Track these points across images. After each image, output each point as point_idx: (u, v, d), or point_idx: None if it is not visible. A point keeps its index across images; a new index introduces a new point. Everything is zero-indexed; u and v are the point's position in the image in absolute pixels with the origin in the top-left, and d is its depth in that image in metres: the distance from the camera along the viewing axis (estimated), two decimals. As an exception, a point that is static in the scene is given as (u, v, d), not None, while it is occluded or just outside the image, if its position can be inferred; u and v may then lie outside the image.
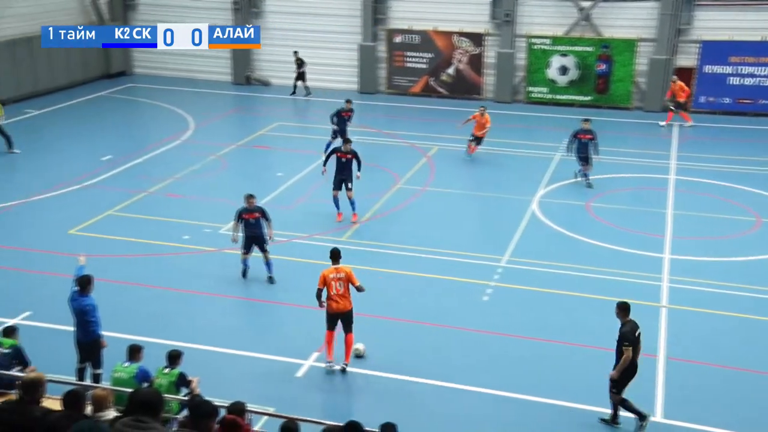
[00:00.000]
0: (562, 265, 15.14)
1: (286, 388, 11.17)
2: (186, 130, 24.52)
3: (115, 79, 31.04)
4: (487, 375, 11.48)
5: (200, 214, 17.54)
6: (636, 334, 10.04)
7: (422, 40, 28.76)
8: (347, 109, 21.24)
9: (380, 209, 18.03)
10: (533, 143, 23.38)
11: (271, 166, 21.79)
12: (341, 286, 11.37)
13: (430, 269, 14.93)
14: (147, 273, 14.66)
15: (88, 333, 10.37)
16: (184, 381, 9.50)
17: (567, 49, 27.61)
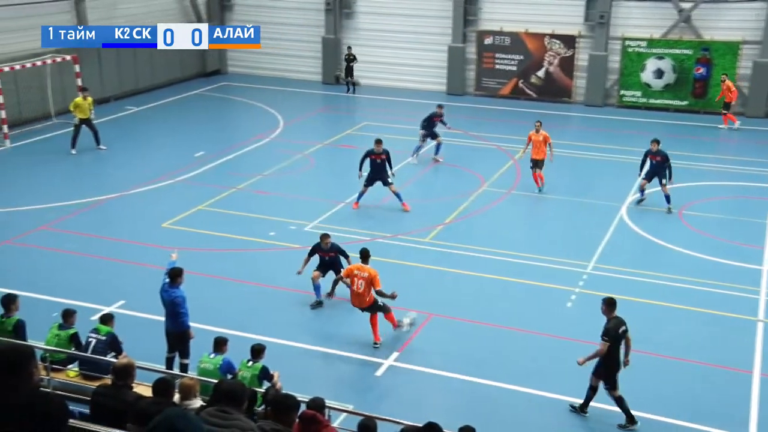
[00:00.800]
0: (651, 273, 14.65)
1: (365, 386, 11.25)
2: (275, 128, 25.04)
3: (210, 77, 32.02)
4: (566, 382, 11.23)
5: (286, 211, 17.86)
6: (620, 330, 10.11)
7: (513, 41, 28.41)
8: (438, 114, 21.38)
9: (464, 211, 17.92)
10: (624, 148, 22.71)
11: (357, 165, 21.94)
12: (362, 285, 11.98)
13: (513, 273, 14.74)
14: (234, 267, 15.04)
15: (177, 324, 10.72)
16: (267, 375, 9.70)
17: (664, 51, 26.72)
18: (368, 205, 18.25)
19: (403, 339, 12.38)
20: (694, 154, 22.14)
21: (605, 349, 10.00)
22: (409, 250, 15.85)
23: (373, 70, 30.76)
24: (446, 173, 21.24)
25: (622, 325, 10.17)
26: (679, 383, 11.32)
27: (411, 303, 13.54)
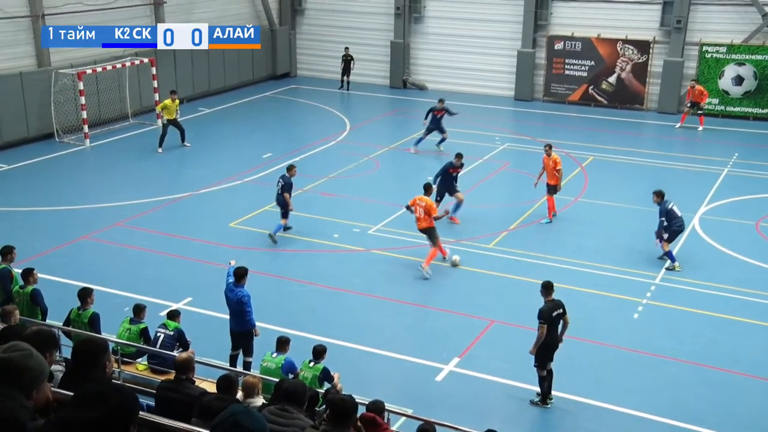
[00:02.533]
0: (722, 286, 14.19)
1: (425, 390, 11.23)
2: (342, 131, 25.26)
3: (280, 80, 32.55)
4: (634, 395, 10.97)
5: (351, 213, 17.99)
6: (554, 313, 10.43)
7: (584, 47, 27.94)
8: (439, 108, 22.24)
9: (530, 217, 17.71)
10: (698, 157, 22.07)
11: (423, 169, 21.93)
12: (421, 212, 14.85)
13: (578, 281, 14.48)
14: (298, 268, 15.24)
15: (243, 322, 10.91)
16: (328, 376, 9.79)
17: (744, 57, 25.84)
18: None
19: (465, 344, 12.31)
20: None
21: (544, 331, 10.40)
22: (472, 255, 15.76)
23: (441, 75, 30.73)
24: (512, 179, 21.03)
25: (558, 309, 10.56)
26: (743, 399, 10.92)
27: (473, 309, 13.48)
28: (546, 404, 10.75)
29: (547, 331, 10.45)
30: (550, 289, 10.67)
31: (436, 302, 13.87)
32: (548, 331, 10.46)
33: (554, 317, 10.53)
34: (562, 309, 10.60)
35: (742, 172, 20.80)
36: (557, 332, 10.63)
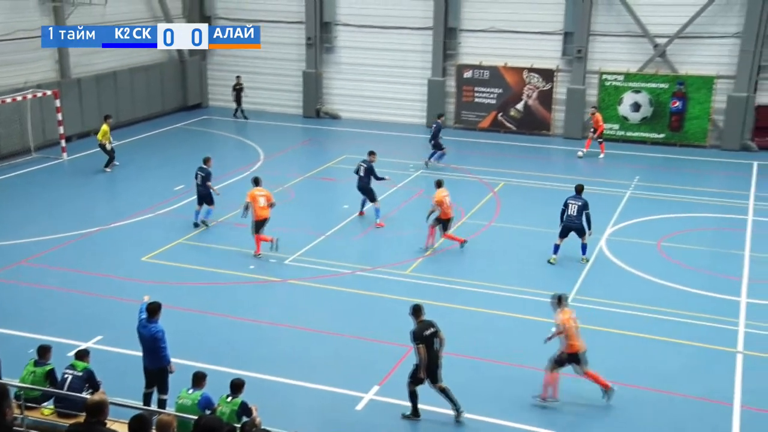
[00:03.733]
0: (630, 305, 14.73)
1: (345, 420, 11.15)
2: (256, 161, 25.07)
3: (191, 111, 32.09)
4: (552, 415, 11.19)
5: (267, 244, 17.80)
6: (425, 333, 10.85)
7: (492, 75, 28.78)
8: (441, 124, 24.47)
9: (445, 243, 17.95)
10: (603, 180, 22.96)
11: (338, 198, 22.03)
12: (263, 202, 16.89)
13: (492, 305, 14.75)
14: (213, 301, 14.94)
15: (158, 359, 10.59)
16: (246, 410, 9.59)
17: (640, 85, 27.18)
18: (348, 238, 18.26)
19: (385, 372, 12.31)
20: (671, 186, 22.42)
21: (422, 351, 10.81)
22: (389, 282, 15.85)
23: (354, 103, 31.01)
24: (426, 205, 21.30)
25: (430, 327, 10.96)
26: (658, 414, 11.32)
27: (391, 336, 13.51)
28: (416, 417, 11.11)
29: (426, 351, 10.81)
30: (418, 312, 11.09)
31: (354, 330, 13.84)
32: (427, 350, 10.83)
33: (427, 336, 10.88)
34: (434, 328, 11.00)
35: (643, 194, 21.76)
36: (435, 350, 10.97)
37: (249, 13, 30.85)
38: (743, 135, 26.27)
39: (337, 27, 30.66)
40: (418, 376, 10.96)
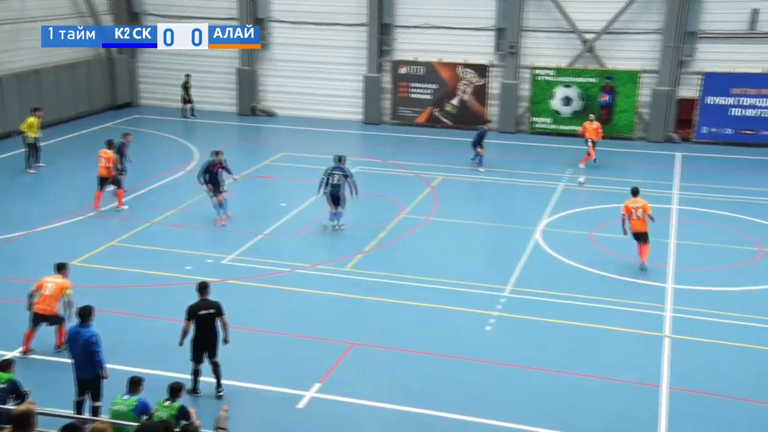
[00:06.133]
0: (566, 294, 15.09)
1: (286, 419, 11.10)
2: (191, 160, 24.67)
3: (121, 110, 31.34)
4: (493, 406, 11.38)
5: (203, 244, 17.59)
6: (199, 312, 11.14)
7: (427, 71, 29.00)
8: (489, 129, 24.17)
9: (384, 239, 18.05)
10: (537, 173, 23.43)
11: (275, 196, 21.89)
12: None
13: (433, 299, 14.90)
14: (149, 304, 14.66)
15: (91, 364, 10.33)
16: (185, 413, 9.45)
17: (570, 80, 27.80)
18: (286, 237, 18.17)
19: (325, 369, 12.31)
20: (601, 177, 23.04)
21: (187, 325, 11.18)
22: (328, 280, 15.84)
23: (290, 101, 30.81)
24: (365, 202, 21.36)
25: (208, 308, 11.19)
26: (596, 400, 11.63)
27: (331, 333, 13.52)
28: (196, 393, 11.40)
29: (196, 329, 11.16)
30: (203, 290, 11.36)
31: (294, 329, 13.78)
32: (199, 328, 11.17)
33: (201, 315, 11.14)
34: (214, 309, 11.22)
35: (575, 186, 22.29)
36: (211, 331, 11.24)
37: (180, 9, 30.28)
38: (667, 127, 27.16)
39: (271, 24, 30.39)
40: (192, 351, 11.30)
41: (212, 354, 11.44)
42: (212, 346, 11.39)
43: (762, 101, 26.10)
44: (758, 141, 26.36)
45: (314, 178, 19.67)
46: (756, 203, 20.73)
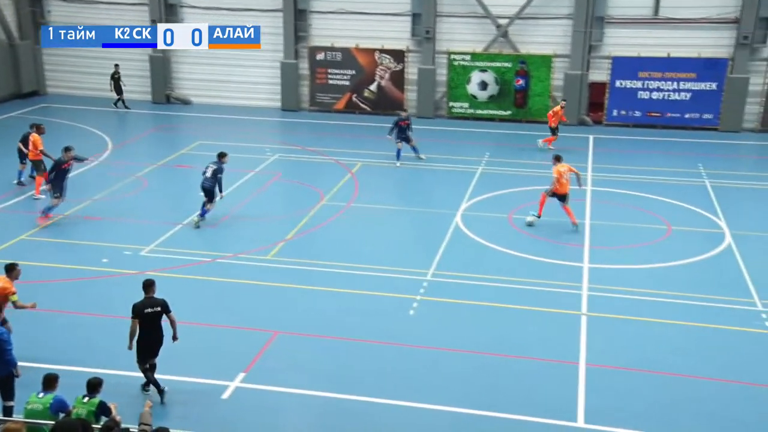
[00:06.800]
0: (486, 276, 15.40)
1: (211, 410, 10.96)
2: (104, 150, 23.91)
3: (27, 99, 30.02)
4: (418, 389, 11.54)
5: (120, 236, 17.09)
6: (147, 310, 10.88)
7: (344, 57, 28.90)
8: (405, 118, 22.94)
9: (305, 226, 17.97)
10: (456, 157, 23.75)
11: (194, 185, 21.32)
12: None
13: (356, 285, 14.95)
14: (64, 299, 14.17)
15: (3, 363, 9.94)
16: (105, 409, 9.21)
17: (486, 65, 28.22)
18: (206, 226, 17.85)
19: (250, 359, 12.20)
20: (518, 160, 23.57)
21: (134, 325, 10.86)
22: (251, 268, 15.67)
23: (205, 88, 30.21)
24: (285, 189, 21.22)
25: (154, 306, 10.94)
26: (515, 379, 11.94)
27: (254, 322, 13.41)
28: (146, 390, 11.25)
29: (141, 328, 10.84)
30: (148, 287, 11.08)
31: (215, 319, 13.58)
32: (144, 326, 10.85)
33: (147, 314, 10.86)
34: (160, 307, 10.97)
35: (493, 169, 22.73)
36: (156, 330, 10.98)
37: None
38: (580, 110, 27.97)
39: (183, 9, 29.65)
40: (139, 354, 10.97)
41: (155, 354, 11.10)
42: (157, 345, 11.02)
43: (667, 84, 27.21)
44: (665, 123, 27.47)
45: (232, 166, 19.38)
46: (664, 183, 21.63)
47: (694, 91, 27.06)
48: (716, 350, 12.87)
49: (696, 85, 26.99)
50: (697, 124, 27.29)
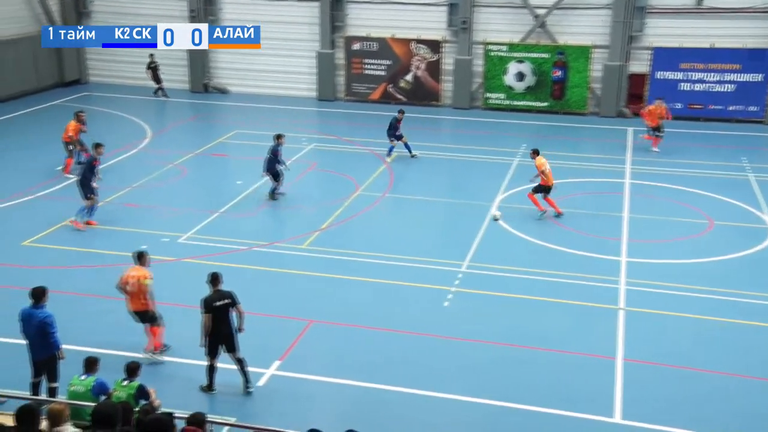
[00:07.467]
0: (521, 269, 15.30)
1: (246, 397, 11.07)
2: (143, 138, 24.22)
3: (69, 87, 30.53)
4: (450, 380, 11.53)
5: (159, 223, 17.32)
6: (215, 303, 10.80)
7: (380, 47, 28.86)
8: (399, 119, 22.50)
9: (340, 216, 18.02)
10: (491, 149, 23.59)
11: (231, 174, 21.65)
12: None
13: (390, 275, 14.96)
14: (104, 284, 14.35)
15: (46, 346, 10.15)
16: (144, 393, 9.37)
17: (523, 55, 27.95)
18: (243, 215, 18.01)
19: (285, 347, 12.30)
20: (555, 152, 23.27)
21: (207, 320, 10.79)
22: (286, 257, 15.77)
23: (242, 77, 30.42)
24: (321, 179, 21.29)
25: (223, 299, 10.88)
26: (551, 373, 11.85)
27: (289, 311, 13.50)
28: (211, 390, 11.04)
29: (212, 321, 10.79)
30: (215, 281, 11.04)
31: (252, 307, 13.57)
32: (213, 320, 10.80)
33: (217, 307, 10.83)
34: (229, 299, 10.93)
35: (530, 161, 22.45)
36: (225, 323, 10.92)
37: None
38: (618, 102, 27.57)
39: (223, 0, 29.84)
40: (208, 346, 10.91)
41: (231, 348, 10.99)
42: (229, 339, 10.95)
43: (710, 76, 26.67)
44: (707, 115, 26.96)
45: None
46: (706, 177, 21.24)
47: (738, 83, 26.50)
48: (757, 348, 12.63)
49: (740, 77, 26.43)
50: (742, 117, 26.73)
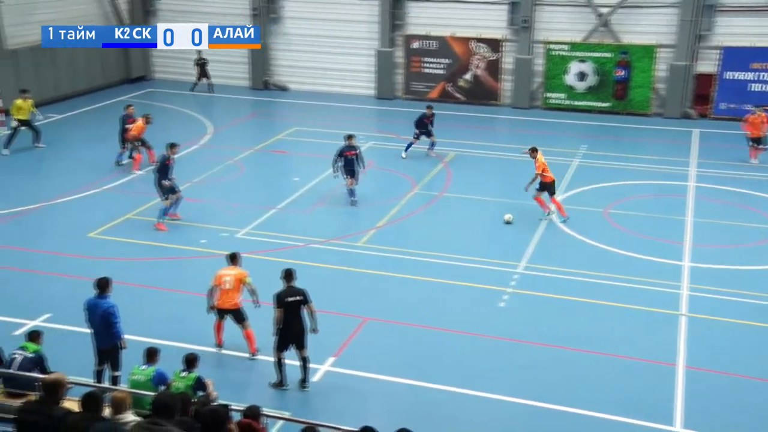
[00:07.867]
0: (579, 271, 15.05)
1: (301, 392, 11.17)
2: (204, 134, 24.67)
3: (135, 83, 31.31)
4: (504, 382, 11.43)
5: (217, 218, 17.62)
6: (287, 299, 10.86)
7: (440, 45, 28.76)
8: (428, 115, 22.23)
9: (397, 215, 18.03)
10: (551, 149, 23.15)
11: (289, 170, 21.88)
12: None
13: (446, 275, 14.90)
14: (164, 276, 14.74)
15: (110, 335, 10.43)
16: (202, 384, 9.54)
17: (585, 55, 27.48)
18: (300, 211, 18.19)
19: (339, 343, 12.37)
20: (616, 153, 22.86)
21: (279, 314, 10.87)
22: (342, 254, 15.86)
23: (302, 75, 30.69)
24: (378, 177, 21.32)
25: (295, 295, 10.92)
26: (609, 378, 11.63)
27: (345, 308, 13.56)
28: (283, 386, 11.11)
29: (284, 316, 10.86)
30: (288, 277, 11.11)
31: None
32: (285, 315, 10.87)
33: (289, 303, 10.87)
34: (301, 296, 10.94)
35: (590, 162, 22.15)
36: (296, 319, 10.96)
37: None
38: (684, 103, 26.87)
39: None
40: (278, 340, 10.99)
41: (301, 345, 11.06)
42: (300, 336, 11.00)
43: (782, 77, 25.78)
44: (776, 118, 26.03)
45: (327, 152, 19.64)
46: (773, 181, 20.53)
47: (813, 85, 25.53)
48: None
49: (816, 78, 25.46)
50: (813, 120, 25.70)
